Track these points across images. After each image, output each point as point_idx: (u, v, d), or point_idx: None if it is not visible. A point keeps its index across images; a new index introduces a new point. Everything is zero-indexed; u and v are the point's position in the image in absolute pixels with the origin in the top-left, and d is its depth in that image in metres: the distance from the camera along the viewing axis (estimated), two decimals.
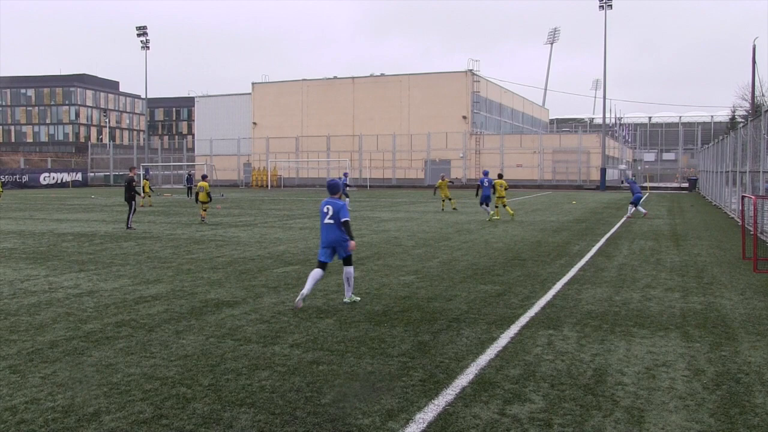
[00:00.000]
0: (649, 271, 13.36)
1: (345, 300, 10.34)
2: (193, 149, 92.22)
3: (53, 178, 75.16)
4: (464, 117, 73.46)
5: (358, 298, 10.44)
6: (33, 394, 6.13)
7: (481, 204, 26.58)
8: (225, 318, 9.14)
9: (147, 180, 39.48)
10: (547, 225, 23.72)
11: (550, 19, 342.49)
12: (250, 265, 14.14)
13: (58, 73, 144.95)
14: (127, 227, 22.38)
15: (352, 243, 10.01)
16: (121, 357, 7.27)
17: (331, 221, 9.98)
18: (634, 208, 27.34)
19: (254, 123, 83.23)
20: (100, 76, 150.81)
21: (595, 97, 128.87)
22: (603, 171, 63.21)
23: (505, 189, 26.71)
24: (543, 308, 9.80)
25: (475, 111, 75.07)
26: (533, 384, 6.39)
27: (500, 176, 27.93)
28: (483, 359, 7.19)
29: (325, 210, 10.06)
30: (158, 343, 7.82)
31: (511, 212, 26.67)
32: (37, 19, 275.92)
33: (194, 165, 66.97)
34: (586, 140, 70.24)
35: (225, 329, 8.50)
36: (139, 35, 79.90)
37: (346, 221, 9.93)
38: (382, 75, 79.81)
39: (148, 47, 79.92)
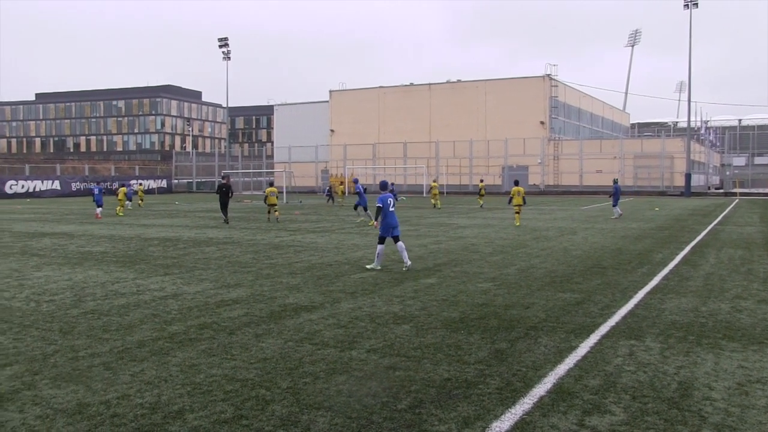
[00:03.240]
0: (739, 281, 12.85)
1: (407, 264, 14.12)
2: (272, 156, 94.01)
3: (141, 185, 77.80)
4: (542, 122, 72.53)
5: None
6: (124, 390, 6.38)
7: (355, 207, 29.32)
8: (303, 322, 9.29)
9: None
10: (628, 232, 23.15)
11: (632, 20, 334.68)
12: (327, 270, 14.31)
13: (146, 85, 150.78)
14: (226, 221, 28.35)
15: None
16: (204, 358, 7.48)
17: (393, 209, 14.29)
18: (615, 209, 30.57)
19: (332, 130, 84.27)
20: (184, 87, 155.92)
21: (680, 100, 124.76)
22: (688, 176, 61.16)
23: (523, 197, 27.01)
24: (624, 318, 9.57)
25: (553, 116, 74.01)
26: (614, 395, 6.24)
27: (516, 183, 28.05)
28: (561, 368, 7.07)
29: (389, 201, 14.25)
30: (239, 346, 8.01)
31: (518, 222, 26.59)
32: (127, 34, 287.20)
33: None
34: (669, 145, 68.26)
35: (303, 333, 8.64)
36: (220, 46, 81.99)
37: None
38: (459, 81, 79.61)
39: (229, 58, 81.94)
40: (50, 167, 78.02)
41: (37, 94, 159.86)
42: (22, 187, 64.11)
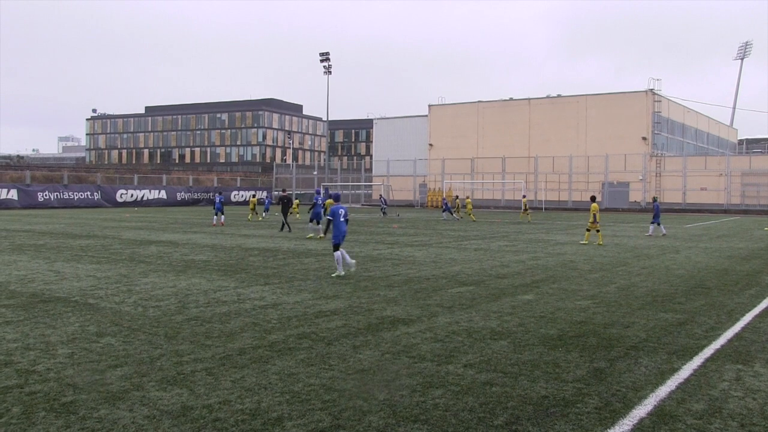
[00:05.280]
0: None
1: (346, 273, 15.60)
2: (370, 170, 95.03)
3: (242, 195, 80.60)
4: (644, 138, 70.40)
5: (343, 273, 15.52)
6: (225, 395, 6.61)
7: (311, 221, 28.46)
8: (400, 335, 9.35)
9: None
10: (735, 252, 22.16)
11: (742, 32, 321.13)
12: (425, 284, 14.36)
13: (248, 98, 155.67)
14: (289, 230, 30.96)
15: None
16: (302, 367, 7.65)
17: (343, 219, 15.59)
18: (653, 227, 29.80)
19: (430, 144, 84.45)
20: (285, 100, 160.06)
21: None
22: None
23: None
24: (730, 340, 9.18)
25: (656, 132, 71.73)
26: (720, 421, 6.00)
27: (593, 199, 26.42)
28: (663, 390, 6.86)
29: (341, 212, 15.62)
30: (336, 356, 8.15)
31: (601, 242, 25.01)
32: (231, 48, 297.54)
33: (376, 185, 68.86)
34: None
35: (400, 346, 8.70)
36: (321, 61, 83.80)
37: (347, 219, 15.81)
38: (559, 96, 78.39)
39: (330, 72, 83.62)
40: (157, 177, 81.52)
41: (146, 107, 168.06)
42: (131, 195, 67.40)
